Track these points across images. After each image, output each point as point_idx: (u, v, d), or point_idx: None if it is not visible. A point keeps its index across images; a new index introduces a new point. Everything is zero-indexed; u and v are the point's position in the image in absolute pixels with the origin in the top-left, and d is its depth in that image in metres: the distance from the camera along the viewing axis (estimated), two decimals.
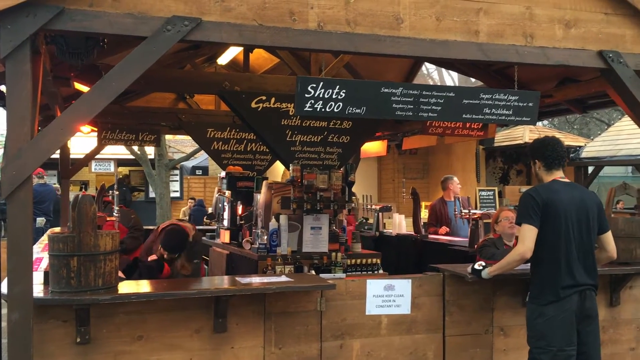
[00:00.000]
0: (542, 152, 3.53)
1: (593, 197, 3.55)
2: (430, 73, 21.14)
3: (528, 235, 3.33)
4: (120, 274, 3.68)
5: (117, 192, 5.01)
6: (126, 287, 3.38)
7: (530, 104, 3.73)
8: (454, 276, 3.95)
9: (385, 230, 7.28)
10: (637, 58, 3.86)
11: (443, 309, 3.93)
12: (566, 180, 3.52)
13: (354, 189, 5.37)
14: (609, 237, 3.53)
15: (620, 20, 3.85)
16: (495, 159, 16.57)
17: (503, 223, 4.53)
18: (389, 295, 3.76)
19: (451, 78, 20.63)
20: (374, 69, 6.03)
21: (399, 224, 7.18)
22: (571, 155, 17.00)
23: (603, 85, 4.38)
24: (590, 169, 16.99)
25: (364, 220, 7.63)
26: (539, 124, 27.57)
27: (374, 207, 7.50)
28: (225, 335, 3.49)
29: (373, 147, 8.15)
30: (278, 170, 11.22)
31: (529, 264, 3.47)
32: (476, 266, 3.69)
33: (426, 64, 7.46)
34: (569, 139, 17.39)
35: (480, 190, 13.28)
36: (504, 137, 18.01)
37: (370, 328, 3.75)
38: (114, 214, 4.81)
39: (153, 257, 4.34)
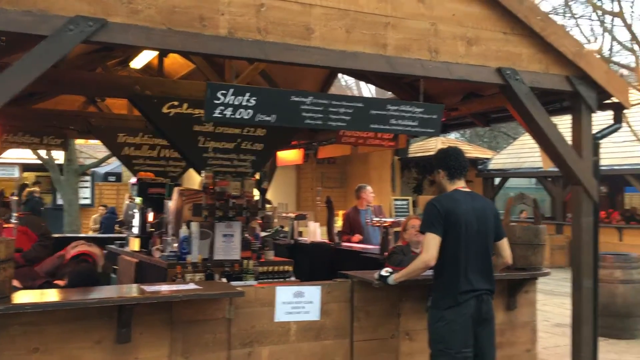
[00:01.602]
0: (446, 162, 3.69)
1: (491, 206, 3.74)
2: (350, 85, 21.56)
3: (432, 243, 3.45)
4: (17, 283, 3.50)
5: (16, 198, 4.75)
6: (21, 297, 3.21)
7: (435, 116, 3.89)
8: (362, 283, 4.03)
9: (300, 238, 7.33)
10: (532, 75, 4.12)
11: (351, 315, 4.00)
12: (467, 189, 3.70)
13: (270, 197, 5.38)
14: (504, 244, 3.72)
15: (517, 39, 4.09)
16: (409, 170, 17.08)
17: (410, 231, 4.67)
18: (298, 302, 3.79)
19: (369, 90, 21.10)
20: (290, 77, 6.08)
21: (314, 232, 7.24)
22: (479, 167, 17.86)
23: (503, 100, 4.63)
24: (498, 180, 17.92)
25: (280, 228, 7.65)
26: (451, 136, 28.68)
27: (289, 215, 7.53)
28: (129, 345, 3.39)
29: (290, 156, 8.20)
30: (195, 177, 11.04)
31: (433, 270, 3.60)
32: (383, 272, 3.78)
33: (345, 76, 7.60)
34: (477, 152, 18.22)
35: (395, 199, 13.65)
36: (418, 148, 18.63)
37: (279, 335, 3.76)
38: (12, 220, 4.56)
39: (60, 282, 4.17)
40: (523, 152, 16.93)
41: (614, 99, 4.44)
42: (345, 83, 20.78)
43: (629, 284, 7.44)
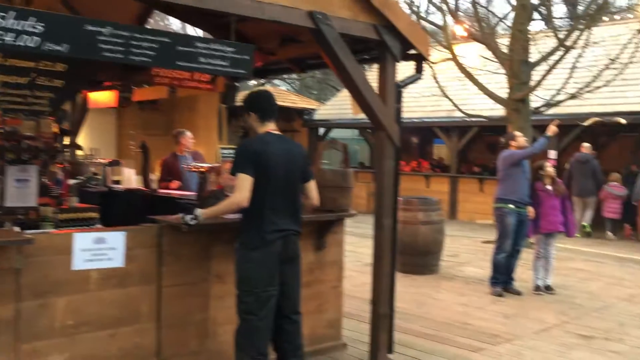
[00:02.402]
0: (257, 105, 3.68)
1: (300, 149, 3.82)
2: (169, 27, 20.58)
3: (244, 184, 3.45)
4: None
5: None
6: None
7: (247, 57, 3.82)
8: (172, 227, 3.91)
9: (114, 186, 6.94)
10: (342, 21, 4.21)
11: (159, 260, 3.88)
12: (278, 132, 3.72)
13: (85, 142, 4.96)
14: (312, 186, 3.84)
15: None
16: (237, 118, 16.97)
17: (225, 175, 4.62)
18: (99, 249, 3.57)
19: (195, 32, 20.32)
20: (98, 10, 5.57)
21: (129, 179, 6.91)
22: (305, 117, 18.32)
23: (317, 46, 4.68)
24: (322, 130, 18.55)
25: (94, 175, 7.16)
26: (283, 87, 29.03)
27: (102, 161, 7.07)
28: None
29: (102, 97, 7.63)
30: None
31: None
32: (191, 215, 3.69)
33: (171, 19, 7.16)
34: (304, 102, 18.64)
35: (221, 147, 13.49)
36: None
37: (78, 284, 3.53)
38: None
39: None
40: (346, 103, 17.63)
41: (416, 50, 4.71)
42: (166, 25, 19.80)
43: (429, 225, 8.20)
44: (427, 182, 16.00)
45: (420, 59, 4.82)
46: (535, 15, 11.98)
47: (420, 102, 16.09)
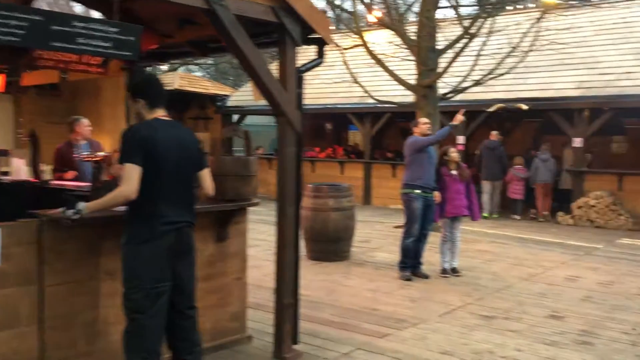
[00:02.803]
0: (144, 91, 3.45)
1: (192, 136, 3.62)
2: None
3: (132, 174, 3.21)
4: None
5: None
6: None
7: (132, 38, 3.57)
8: (54, 222, 3.61)
9: (2, 177, 6.42)
10: (239, 3, 4.03)
11: (40, 257, 3.58)
12: (167, 118, 3.51)
13: None
14: (206, 175, 3.66)
15: None
16: None
17: (115, 165, 4.34)
18: None
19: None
20: None
21: (19, 170, 6.41)
22: (218, 103, 17.92)
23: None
24: (236, 117, 18.21)
25: None
26: (198, 73, 28.26)
27: None
28: None
29: None
30: None
31: None
32: (73, 209, 3.42)
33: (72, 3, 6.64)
34: (216, 88, 18.22)
35: None
36: None
37: None
38: None
39: None
40: None
41: (317, 34, 4.60)
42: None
43: (340, 212, 8.18)
44: (342, 169, 16.09)
45: (321, 43, 4.71)
46: (443, 2, 12.21)
47: (334, 89, 16.12)
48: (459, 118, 7.04)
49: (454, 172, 7.21)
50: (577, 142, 12.40)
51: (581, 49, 13.46)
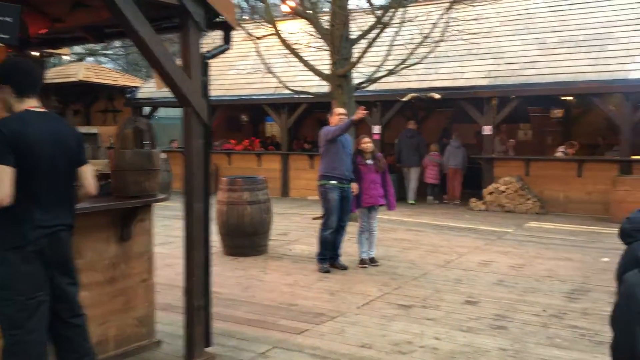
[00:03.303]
0: (13, 77, 3.02)
1: (71, 130, 3.24)
2: None
3: (2, 177, 2.81)
4: None
5: None
6: None
7: (9, 19, 3.18)
8: None
9: None
10: None
11: None
12: (41, 110, 3.11)
13: None
14: (86, 172, 3.27)
15: None
16: (48, 97, 15.37)
17: None
18: None
19: None
20: None
21: None
22: (128, 95, 17.14)
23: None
24: (148, 109, 17.48)
25: None
26: (108, 65, 26.95)
27: None
28: None
29: None
30: None
31: None
32: None
33: None
34: (125, 80, 17.42)
35: None
36: (58, 74, 16.84)
37: None
38: None
39: None
40: None
41: (222, 18, 4.34)
42: None
43: (255, 205, 7.96)
44: (259, 161, 15.83)
45: (227, 28, 4.45)
46: None
47: (249, 79, 15.80)
48: (359, 115, 6.78)
49: (369, 161, 7.16)
50: (487, 129, 12.78)
51: (488, 39, 13.87)
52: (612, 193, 10.92)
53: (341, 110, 7.45)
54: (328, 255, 7.11)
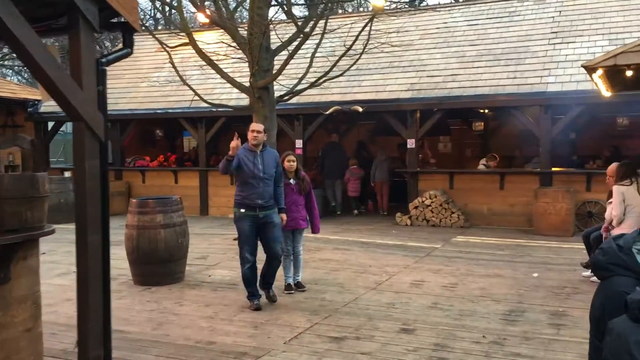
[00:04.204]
0: None
1: None
2: None
3: None
4: None
5: None
6: None
7: None
8: None
9: None
10: None
11: None
12: None
13: None
14: None
15: None
16: None
17: None
18: None
19: None
20: None
21: None
22: (30, 109, 15.79)
23: None
24: (51, 124, 16.19)
25: None
26: (13, 79, 24.95)
27: None
28: None
29: None
30: None
31: None
32: None
33: None
34: (26, 92, 16.06)
35: None
36: None
37: None
38: None
39: None
40: None
41: (123, 19, 3.73)
42: None
43: (170, 228, 7.28)
44: (176, 178, 14.96)
45: (128, 30, 3.84)
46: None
47: (165, 92, 14.96)
48: (231, 149, 5.92)
49: (292, 181, 6.65)
50: (411, 143, 12.62)
51: (410, 52, 13.80)
52: (534, 205, 10.97)
53: (254, 126, 6.26)
54: (257, 293, 6.20)
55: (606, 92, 7.75)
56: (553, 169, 11.66)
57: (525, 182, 11.76)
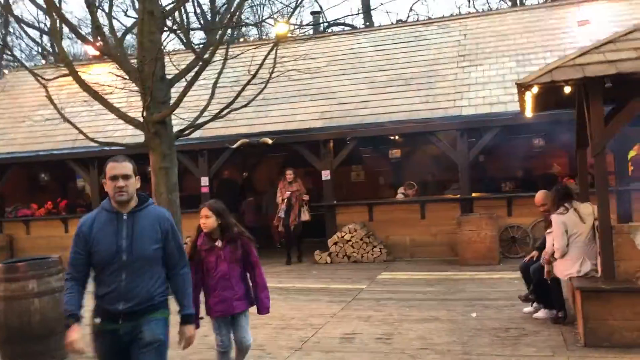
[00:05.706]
0: None
1: None
2: None
3: None
4: None
5: None
6: None
7: None
8: None
9: None
10: None
11: None
12: None
13: None
14: None
15: None
16: None
17: None
18: None
19: None
20: None
21: None
22: None
23: None
24: None
25: None
26: None
27: None
28: None
29: None
30: None
31: None
32: None
33: None
34: None
35: None
36: None
37: None
38: None
39: None
40: None
41: None
42: None
43: (47, 296, 5.97)
44: (66, 226, 13.33)
45: None
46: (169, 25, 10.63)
47: (51, 131, 13.40)
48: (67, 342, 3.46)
49: (218, 243, 4.71)
50: (326, 174, 11.85)
51: (318, 79, 13.17)
52: (458, 234, 10.46)
53: (114, 168, 3.42)
54: None
55: (529, 113, 7.32)
56: (473, 194, 11.28)
57: (446, 210, 11.28)
